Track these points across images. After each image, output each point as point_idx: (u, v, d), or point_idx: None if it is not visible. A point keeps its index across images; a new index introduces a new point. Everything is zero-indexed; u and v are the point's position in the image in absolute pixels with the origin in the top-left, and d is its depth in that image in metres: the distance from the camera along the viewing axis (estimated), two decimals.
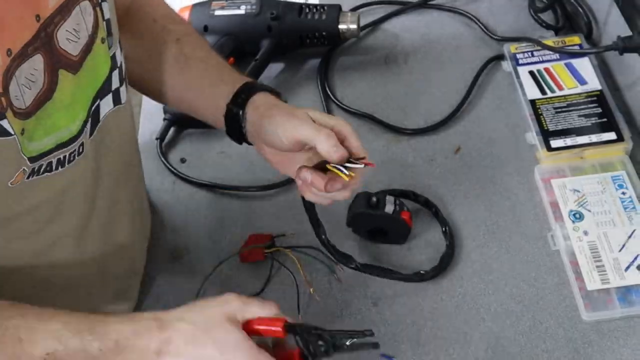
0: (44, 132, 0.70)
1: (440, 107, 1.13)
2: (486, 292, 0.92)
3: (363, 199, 0.94)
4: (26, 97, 0.66)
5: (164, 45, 0.90)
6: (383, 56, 1.22)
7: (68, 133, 0.73)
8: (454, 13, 1.27)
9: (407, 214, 0.95)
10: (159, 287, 0.97)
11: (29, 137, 0.68)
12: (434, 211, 0.99)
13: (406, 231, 0.96)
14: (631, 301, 0.88)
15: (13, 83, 0.64)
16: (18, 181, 0.69)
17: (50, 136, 0.71)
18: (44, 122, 0.69)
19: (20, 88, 0.65)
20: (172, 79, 0.90)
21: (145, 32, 0.91)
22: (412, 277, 0.93)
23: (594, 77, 1.09)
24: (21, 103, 0.66)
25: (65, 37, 0.70)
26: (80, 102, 0.74)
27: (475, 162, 1.06)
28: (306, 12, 1.19)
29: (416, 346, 0.88)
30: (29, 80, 0.67)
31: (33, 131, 0.68)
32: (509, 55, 1.15)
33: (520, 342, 0.87)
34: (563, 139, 1.03)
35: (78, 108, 0.74)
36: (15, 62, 0.64)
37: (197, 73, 0.89)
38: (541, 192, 1.00)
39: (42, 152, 0.70)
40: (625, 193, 0.97)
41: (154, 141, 1.12)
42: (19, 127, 0.66)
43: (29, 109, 0.67)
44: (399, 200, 0.95)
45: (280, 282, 0.95)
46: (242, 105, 0.84)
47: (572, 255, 0.92)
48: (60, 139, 0.72)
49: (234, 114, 0.84)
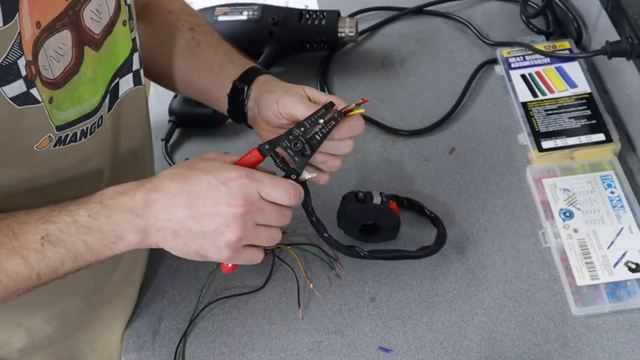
0: (70, 103, 0.73)
1: (435, 109, 1.13)
2: (480, 288, 0.92)
3: (351, 197, 0.93)
4: (54, 69, 0.70)
5: (178, 32, 0.92)
6: (380, 60, 1.22)
7: (90, 105, 0.76)
8: (449, 19, 1.27)
9: (394, 205, 0.94)
10: (164, 283, 0.97)
11: (58, 107, 0.72)
12: (419, 209, 0.98)
13: (396, 222, 0.95)
14: (619, 296, 0.88)
15: (42, 54, 0.68)
16: (44, 146, 0.72)
17: (76, 107, 0.74)
18: (71, 94, 0.73)
19: (49, 59, 0.69)
20: (183, 62, 0.92)
21: (161, 22, 0.93)
22: (417, 253, 0.92)
23: (583, 81, 1.09)
24: (49, 73, 0.69)
25: (90, 17, 0.73)
26: (100, 77, 0.77)
27: (469, 162, 1.06)
28: (306, 18, 1.19)
29: (412, 340, 0.88)
30: (58, 53, 0.70)
31: (62, 101, 0.72)
32: (501, 59, 1.15)
33: (512, 336, 0.87)
34: (554, 140, 1.03)
35: (99, 83, 0.77)
36: (43, 34, 0.67)
37: (208, 56, 0.91)
38: (532, 192, 1.00)
39: (68, 121, 0.74)
40: (614, 192, 0.97)
41: (160, 142, 1.12)
42: (47, 95, 0.70)
43: (57, 80, 0.71)
44: (384, 194, 0.94)
45: (281, 278, 0.95)
46: (248, 82, 0.86)
47: (562, 252, 0.92)
48: (83, 110, 0.75)
49: (239, 90, 0.86)
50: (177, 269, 0.99)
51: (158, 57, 0.92)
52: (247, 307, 0.93)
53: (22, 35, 0.65)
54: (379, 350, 0.88)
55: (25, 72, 0.66)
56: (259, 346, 0.90)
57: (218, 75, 0.89)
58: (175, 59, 0.92)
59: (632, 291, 0.88)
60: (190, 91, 0.95)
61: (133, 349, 0.92)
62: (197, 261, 0.98)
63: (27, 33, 0.65)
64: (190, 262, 0.98)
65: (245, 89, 0.86)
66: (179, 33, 0.92)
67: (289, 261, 0.96)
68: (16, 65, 0.65)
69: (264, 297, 0.94)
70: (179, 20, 0.93)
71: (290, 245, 0.96)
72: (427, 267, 0.94)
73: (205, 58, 0.90)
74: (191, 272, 0.97)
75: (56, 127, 0.72)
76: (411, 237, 0.97)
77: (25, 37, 0.65)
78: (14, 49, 0.64)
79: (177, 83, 0.94)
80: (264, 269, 0.96)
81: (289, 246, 0.96)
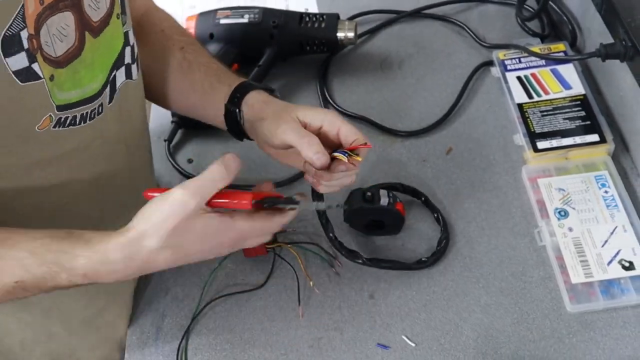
0: (72, 84, 0.74)
1: (433, 111, 1.13)
2: (476, 285, 0.92)
3: (358, 195, 0.94)
4: (57, 48, 0.71)
5: (170, 52, 0.92)
6: (379, 62, 1.22)
7: (90, 90, 0.77)
8: (446, 22, 1.27)
9: (401, 205, 0.95)
10: (167, 280, 0.97)
11: (59, 86, 0.72)
12: (424, 200, 0.99)
13: (400, 221, 0.96)
14: (613, 294, 0.88)
15: (44, 30, 0.68)
16: (45, 126, 0.72)
17: (76, 90, 0.75)
18: (73, 76, 0.74)
19: (52, 37, 0.70)
20: (176, 82, 0.92)
21: (153, 41, 0.93)
22: (414, 265, 0.93)
23: (578, 82, 1.09)
24: (51, 50, 0.70)
25: (88, 4, 0.74)
26: (99, 65, 0.78)
27: (466, 163, 1.06)
28: (306, 21, 1.18)
29: (410, 336, 0.88)
30: (61, 33, 0.71)
31: (63, 81, 0.72)
32: (497, 61, 1.15)
33: (508, 333, 0.87)
34: (549, 141, 1.03)
35: (97, 70, 0.78)
36: (46, 11, 0.68)
37: (199, 76, 0.91)
38: (528, 191, 1.00)
39: (68, 102, 0.74)
40: (608, 192, 0.97)
41: (162, 143, 1.12)
42: (49, 72, 0.70)
43: (59, 59, 0.71)
44: (391, 193, 0.95)
45: (282, 275, 0.95)
46: (237, 104, 0.86)
47: (557, 250, 0.92)
48: (83, 94, 0.76)
49: (232, 113, 0.87)
50: (180, 267, 0.98)
51: (152, 77, 0.92)
52: (248, 305, 0.93)
53: (26, 8, 0.66)
54: (377, 347, 0.88)
55: (27, 45, 0.67)
56: (260, 343, 0.90)
57: (210, 97, 0.89)
58: (169, 79, 0.92)
59: (626, 289, 0.88)
60: (188, 112, 0.96)
61: (137, 345, 0.92)
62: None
63: (30, 7, 0.66)
64: None
65: (237, 112, 0.86)
66: (171, 53, 0.92)
67: (290, 259, 0.96)
68: (19, 36, 0.66)
69: (265, 294, 0.94)
70: (170, 39, 0.93)
71: (290, 244, 0.96)
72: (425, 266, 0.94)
73: (197, 79, 0.91)
74: (194, 270, 0.97)
75: (57, 107, 0.73)
76: (414, 234, 0.98)
77: (28, 10, 0.66)
78: (17, 21, 0.65)
79: (173, 103, 0.95)
80: (265, 267, 0.96)
81: (290, 244, 0.96)
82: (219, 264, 0.96)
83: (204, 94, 0.90)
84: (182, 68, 0.91)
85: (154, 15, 0.96)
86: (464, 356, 0.86)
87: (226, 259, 0.96)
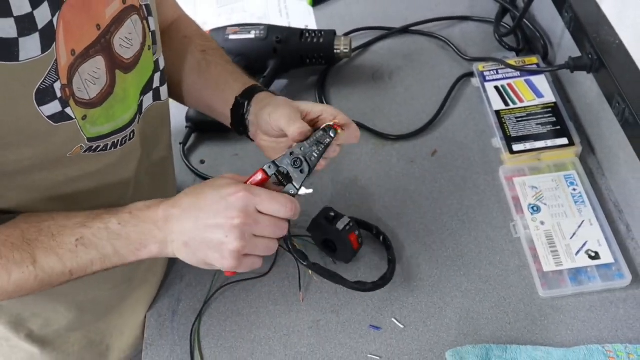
0: (105, 119, 0.73)
1: (420, 117, 1.12)
2: (458, 273, 0.92)
3: (325, 212, 0.91)
4: (91, 91, 0.70)
5: (191, 53, 0.90)
6: (371, 73, 1.22)
7: (122, 121, 0.76)
8: (431, 37, 1.26)
9: (355, 237, 0.90)
10: (182, 269, 0.97)
11: (92, 123, 0.71)
12: (382, 239, 0.93)
13: (350, 250, 0.91)
14: (581, 281, 0.88)
15: (76, 77, 0.67)
16: (76, 153, 0.72)
17: (109, 123, 0.74)
18: (107, 112, 0.73)
19: (84, 82, 0.68)
20: (193, 79, 0.90)
21: (176, 45, 0.91)
22: (354, 285, 0.84)
23: (549, 92, 1.09)
24: (84, 94, 0.69)
25: (119, 44, 0.72)
26: (131, 96, 0.77)
27: (449, 163, 1.05)
28: (306, 37, 1.18)
29: (399, 318, 0.88)
30: (93, 77, 0.69)
31: (97, 118, 0.72)
32: (477, 72, 1.14)
33: (487, 316, 0.87)
34: (523, 144, 1.02)
35: (130, 101, 0.77)
36: (78, 60, 0.67)
37: (215, 74, 0.89)
38: (505, 189, 0.99)
39: (100, 135, 0.73)
40: (576, 189, 0.97)
41: (178, 146, 1.12)
42: (81, 113, 0.69)
43: (94, 100, 0.70)
44: (352, 222, 0.90)
45: (285, 264, 0.95)
46: (249, 98, 0.84)
47: (530, 241, 0.92)
48: (115, 126, 0.75)
49: (240, 105, 0.85)
50: None
51: (172, 74, 0.90)
52: (254, 291, 0.93)
53: (58, 62, 0.64)
54: (370, 328, 0.87)
55: (60, 94, 0.65)
56: (265, 324, 0.89)
57: (223, 91, 0.87)
58: (187, 76, 0.90)
59: (592, 276, 0.88)
60: (198, 105, 0.93)
61: (155, 327, 0.91)
62: None
63: (63, 60, 0.65)
64: None
65: (245, 104, 0.84)
66: (192, 54, 0.90)
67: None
68: (52, 88, 0.65)
69: (269, 281, 0.94)
70: (192, 43, 0.91)
71: (293, 236, 0.95)
72: (412, 256, 0.94)
73: (212, 76, 0.89)
74: None
75: (87, 139, 0.72)
76: (367, 263, 0.94)
77: (61, 63, 0.64)
78: (50, 74, 0.64)
79: (187, 97, 0.92)
80: (269, 257, 0.95)
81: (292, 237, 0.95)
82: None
83: (217, 88, 0.88)
84: (201, 67, 0.89)
85: (181, 23, 0.94)
86: (447, 336, 0.86)
87: None
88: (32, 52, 0.61)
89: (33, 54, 0.61)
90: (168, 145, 0.94)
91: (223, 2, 1.40)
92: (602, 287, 0.87)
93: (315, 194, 1.02)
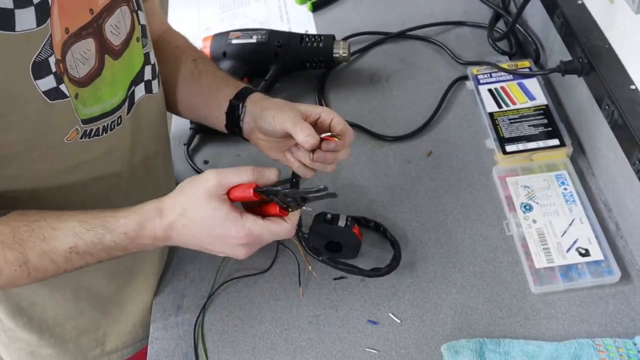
0: (94, 100, 0.74)
1: (416, 119, 1.12)
2: (453, 269, 0.92)
3: (320, 217, 0.90)
4: (80, 70, 0.71)
5: (182, 63, 0.92)
6: (369, 77, 1.22)
7: (110, 105, 0.77)
8: (427, 42, 1.26)
9: (357, 229, 0.90)
10: (186, 265, 0.97)
11: (83, 103, 0.73)
12: (382, 230, 0.94)
13: (356, 243, 0.91)
14: (571, 277, 0.88)
15: (69, 55, 0.69)
16: (72, 138, 0.73)
17: (98, 105, 0.75)
18: (94, 94, 0.74)
19: (75, 61, 0.70)
20: (186, 87, 0.91)
21: (168, 56, 0.92)
22: (370, 272, 0.88)
23: (541, 94, 1.09)
24: (75, 72, 0.71)
25: (110, 30, 0.75)
26: (119, 82, 0.78)
27: (444, 164, 1.05)
28: (306, 41, 1.18)
29: (396, 313, 0.88)
30: (83, 57, 0.71)
31: (86, 99, 0.73)
32: (471, 76, 1.14)
33: (481, 311, 0.87)
34: (516, 145, 1.02)
35: (117, 87, 0.78)
36: (71, 39, 0.69)
37: (207, 81, 0.90)
38: (498, 188, 0.99)
39: (91, 116, 0.75)
40: (567, 189, 0.97)
41: (182, 146, 1.12)
42: (74, 91, 0.71)
43: (83, 79, 0.72)
44: (349, 218, 0.90)
45: (285, 261, 0.95)
46: (242, 99, 0.85)
47: (523, 239, 0.92)
48: (104, 109, 0.76)
49: (235, 107, 0.85)
50: (196, 253, 0.97)
51: (165, 85, 0.91)
52: (256, 286, 0.93)
53: (53, 37, 0.67)
54: (367, 323, 0.87)
55: (55, 69, 0.68)
56: (266, 319, 0.89)
57: (216, 96, 0.87)
58: (179, 85, 0.91)
59: (582, 272, 0.88)
60: (191, 112, 0.94)
61: (160, 321, 0.91)
62: None
63: (57, 36, 0.67)
64: None
65: (240, 106, 0.85)
66: (184, 64, 0.91)
67: (292, 247, 0.95)
68: (47, 62, 0.67)
69: (270, 277, 0.94)
70: (183, 53, 0.92)
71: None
72: (409, 253, 0.94)
73: (205, 83, 0.90)
74: (209, 255, 0.96)
75: (82, 121, 0.73)
76: (370, 256, 0.94)
77: (55, 39, 0.67)
78: (45, 48, 0.66)
79: (181, 106, 0.93)
80: (270, 253, 0.95)
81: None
82: None
83: (210, 94, 0.89)
84: (193, 75, 0.90)
85: (170, 35, 0.96)
86: (442, 331, 0.86)
87: None
88: (28, 24, 0.64)
89: (28, 26, 0.64)
90: (164, 140, 0.95)
91: (226, 8, 1.40)
92: (592, 283, 0.87)
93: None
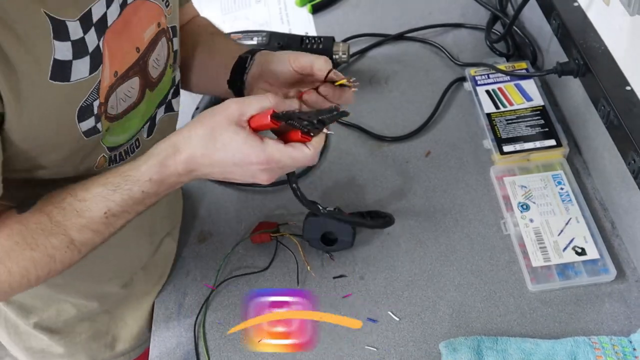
0: (122, 130, 0.75)
1: (414, 119, 1.12)
2: (451, 268, 0.92)
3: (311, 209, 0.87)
4: (120, 107, 0.72)
5: (199, 36, 0.90)
6: (368, 78, 1.22)
7: (135, 131, 0.78)
8: (425, 43, 1.26)
9: (349, 213, 0.90)
10: (188, 263, 0.97)
11: (111, 133, 0.74)
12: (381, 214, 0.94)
13: (351, 231, 0.91)
14: (568, 275, 0.88)
15: (113, 96, 0.70)
16: (101, 165, 0.74)
17: (125, 134, 0.76)
18: (124, 124, 0.75)
19: (118, 101, 0.71)
20: (200, 53, 0.88)
21: (188, 31, 0.90)
22: (373, 223, 0.91)
23: (538, 95, 1.09)
24: (114, 110, 0.72)
25: (152, 65, 0.75)
26: (150, 111, 0.79)
27: (442, 164, 1.05)
28: (306, 43, 1.18)
29: (395, 311, 0.88)
30: (127, 95, 0.72)
31: (114, 129, 0.74)
32: (469, 77, 1.14)
33: (478, 309, 0.87)
34: (513, 145, 1.02)
35: (147, 115, 0.79)
36: (118, 81, 0.69)
37: (221, 46, 0.88)
38: (495, 188, 0.99)
39: (117, 144, 0.76)
40: (563, 188, 0.97)
41: None
42: (106, 126, 0.72)
43: (119, 115, 0.72)
44: (337, 207, 0.90)
45: (284, 260, 0.95)
46: (253, 53, 0.82)
47: (520, 238, 0.92)
48: (130, 135, 0.77)
49: (243, 60, 0.82)
50: (198, 252, 0.98)
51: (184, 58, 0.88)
52: (255, 284, 0.93)
53: (101, 83, 0.67)
54: (367, 321, 0.87)
55: (96, 111, 0.68)
56: None
57: (225, 56, 0.84)
58: (194, 52, 0.88)
59: (578, 271, 0.88)
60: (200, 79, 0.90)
61: (162, 318, 0.92)
62: (215, 245, 0.98)
63: (105, 81, 0.67)
64: (210, 247, 0.98)
65: (249, 58, 0.82)
66: (201, 36, 0.89)
67: (291, 247, 0.95)
68: (92, 106, 0.67)
69: (270, 276, 0.94)
70: (204, 30, 0.91)
71: (291, 234, 0.95)
72: (408, 251, 0.94)
73: (218, 48, 0.87)
74: (210, 255, 0.97)
75: (107, 149, 0.74)
76: (363, 246, 0.94)
77: (103, 83, 0.67)
78: (92, 94, 0.67)
79: (194, 76, 0.89)
80: (269, 252, 0.95)
81: (291, 234, 0.95)
82: (232, 250, 0.95)
83: (222, 55, 0.86)
84: (208, 43, 0.88)
85: (196, 19, 0.93)
86: (440, 328, 0.86)
87: (237, 246, 0.96)
88: (81, 73, 0.64)
89: (81, 75, 0.64)
90: None
91: (227, 10, 1.40)
92: (588, 281, 0.87)
93: (313, 193, 1.02)
